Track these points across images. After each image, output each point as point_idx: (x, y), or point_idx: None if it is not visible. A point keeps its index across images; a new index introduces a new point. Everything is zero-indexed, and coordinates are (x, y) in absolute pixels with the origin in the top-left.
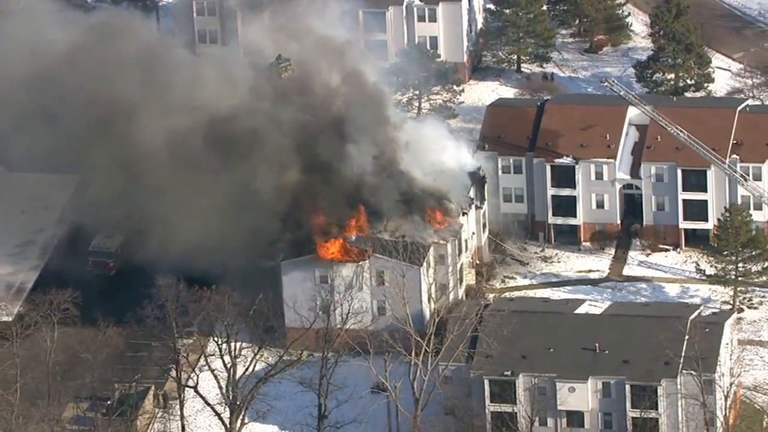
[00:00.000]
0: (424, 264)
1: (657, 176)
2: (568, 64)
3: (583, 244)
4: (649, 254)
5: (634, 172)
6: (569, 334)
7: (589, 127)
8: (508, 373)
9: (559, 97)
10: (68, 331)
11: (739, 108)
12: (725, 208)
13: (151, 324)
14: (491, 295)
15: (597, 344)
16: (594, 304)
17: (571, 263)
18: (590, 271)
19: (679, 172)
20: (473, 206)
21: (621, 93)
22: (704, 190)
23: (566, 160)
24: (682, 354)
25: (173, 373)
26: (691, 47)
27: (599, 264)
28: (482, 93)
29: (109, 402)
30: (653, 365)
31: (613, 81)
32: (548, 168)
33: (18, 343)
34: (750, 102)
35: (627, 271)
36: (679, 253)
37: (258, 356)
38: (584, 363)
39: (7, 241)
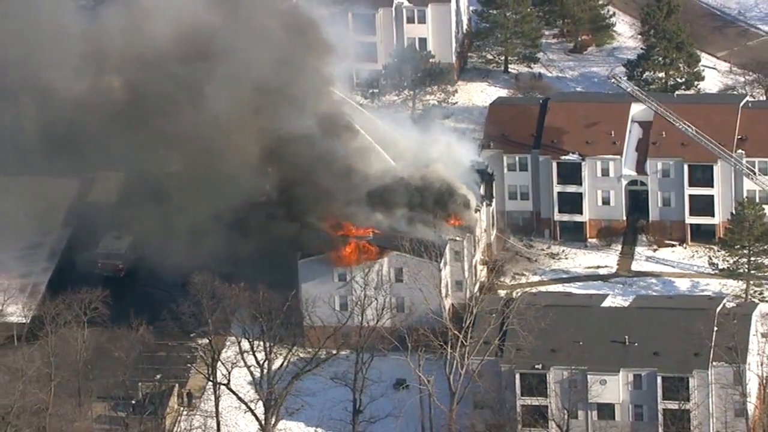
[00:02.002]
0: (443, 260)
1: (663, 172)
2: (554, 64)
3: (589, 240)
4: (656, 250)
5: (640, 168)
6: (598, 327)
7: (594, 124)
8: (540, 366)
9: (560, 95)
10: (94, 330)
11: (741, 104)
12: (738, 201)
13: (187, 320)
14: (502, 292)
15: (626, 336)
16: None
17: (578, 260)
18: (598, 267)
19: (686, 167)
20: (484, 203)
21: (628, 89)
22: (711, 185)
23: (572, 157)
24: (712, 344)
25: (202, 370)
26: (681, 45)
27: (607, 260)
28: (471, 94)
29: (134, 401)
30: (684, 356)
31: (620, 77)
32: (554, 165)
33: (53, 341)
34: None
35: (635, 266)
36: (685, 248)
37: (291, 353)
38: (614, 355)
39: (15, 244)
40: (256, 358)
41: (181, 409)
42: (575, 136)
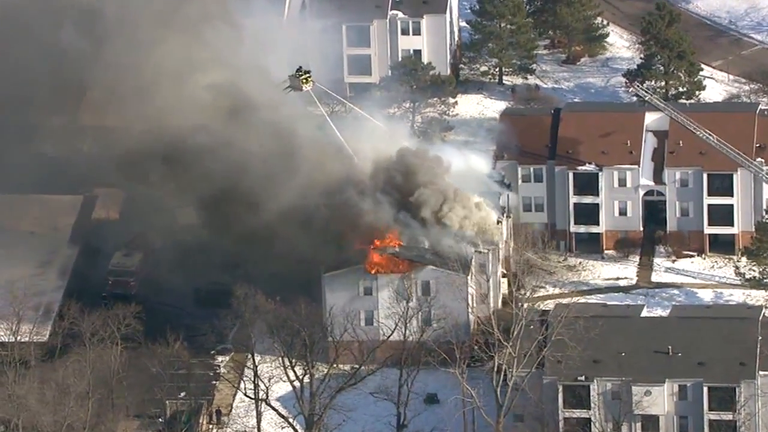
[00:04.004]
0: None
1: (681, 181)
2: (548, 75)
3: (606, 252)
4: (675, 260)
5: (657, 177)
6: (640, 338)
7: (608, 134)
8: (583, 378)
9: (573, 105)
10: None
11: (756, 112)
12: (766, 210)
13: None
14: (525, 305)
15: (669, 347)
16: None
17: (597, 271)
18: (618, 278)
19: (705, 176)
20: (505, 215)
21: (647, 98)
22: (730, 194)
23: (589, 168)
24: (757, 353)
25: (234, 386)
26: (683, 54)
27: (626, 271)
28: (468, 106)
29: (161, 419)
30: (730, 366)
31: (638, 85)
32: (571, 176)
33: (91, 357)
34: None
35: (655, 277)
36: (704, 258)
37: (332, 367)
38: (658, 366)
39: (24, 263)
40: (295, 373)
41: (211, 427)
42: (590, 146)
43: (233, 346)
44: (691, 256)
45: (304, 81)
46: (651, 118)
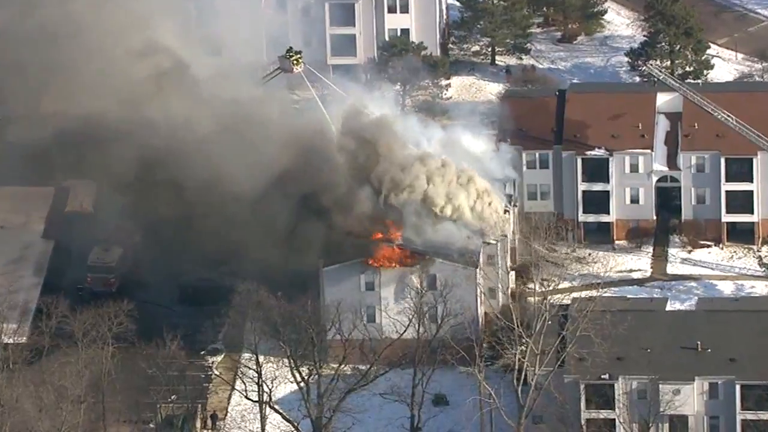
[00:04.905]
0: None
1: (697, 166)
2: (543, 55)
3: (617, 242)
4: (691, 251)
5: (671, 162)
6: (666, 333)
7: (618, 116)
8: (606, 376)
9: (578, 86)
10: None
11: None
12: None
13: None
14: (531, 299)
15: (698, 342)
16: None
17: (608, 263)
18: (631, 270)
19: (722, 160)
20: (513, 204)
21: (661, 77)
22: (750, 179)
23: (599, 153)
24: None
25: (226, 388)
26: (690, 32)
27: (639, 263)
28: (460, 89)
29: (152, 424)
30: (763, 363)
31: (652, 64)
32: (579, 161)
33: (83, 360)
34: None
35: (671, 269)
36: (722, 248)
37: (341, 367)
38: (687, 363)
39: None
40: (300, 373)
41: None
42: (599, 129)
43: (225, 346)
44: (708, 246)
45: (295, 62)
46: (662, 99)
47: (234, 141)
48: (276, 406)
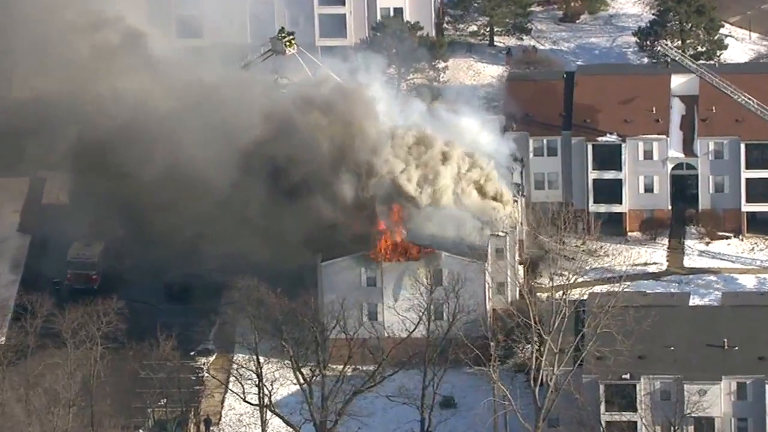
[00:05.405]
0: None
1: (716, 153)
2: (544, 35)
3: (630, 234)
4: (709, 243)
5: (688, 149)
6: (690, 330)
7: (630, 100)
8: (627, 376)
9: (587, 68)
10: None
11: None
12: None
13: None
14: (543, 295)
15: (725, 339)
16: None
17: (621, 256)
18: (646, 264)
19: (743, 146)
20: (520, 193)
21: (677, 58)
22: None
23: (610, 138)
24: None
25: (220, 390)
26: (702, 9)
27: (654, 256)
28: (456, 71)
29: (141, 430)
30: None
31: (666, 44)
32: (590, 148)
33: (72, 361)
34: None
35: (688, 262)
36: (742, 240)
37: (346, 368)
38: (713, 361)
39: None
40: (303, 375)
41: None
42: (611, 114)
43: (216, 346)
44: (727, 238)
45: (288, 44)
46: (677, 82)
47: (199, 122)
48: (276, 410)
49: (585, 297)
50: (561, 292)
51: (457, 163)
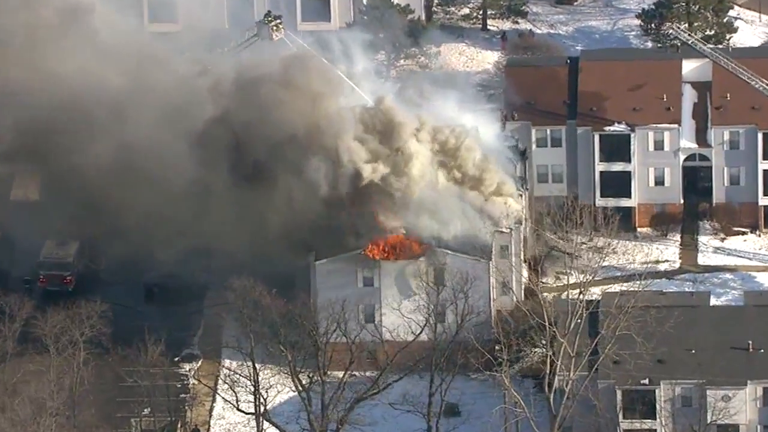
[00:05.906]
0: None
1: (731, 143)
2: (540, 18)
3: (640, 229)
4: (724, 239)
5: (701, 139)
6: (712, 332)
7: (639, 86)
8: (646, 381)
9: (592, 53)
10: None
11: None
12: None
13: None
14: (549, 295)
15: (749, 342)
16: None
17: (630, 253)
18: (657, 261)
19: (759, 136)
20: (524, 187)
21: (689, 41)
22: None
23: (618, 128)
24: None
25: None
26: None
27: (666, 253)
28: (448, 57)
29: None
30: None
31: (677, 26)
32: (596, 138)
33: (55, 368)
34: None
35: (702, 259)
36: (759, 236)
37: (347, 375)
38: (737, 365)
39: None
40: (300, 381)
41: None
42: (618, 102)
43: (201, 351)
44: (743, 233)
45: (275, 28)
46: (688, 67)
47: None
48: (273, 419)
49: (597, 297)
50: (578, 292)
51: (432, 145)
